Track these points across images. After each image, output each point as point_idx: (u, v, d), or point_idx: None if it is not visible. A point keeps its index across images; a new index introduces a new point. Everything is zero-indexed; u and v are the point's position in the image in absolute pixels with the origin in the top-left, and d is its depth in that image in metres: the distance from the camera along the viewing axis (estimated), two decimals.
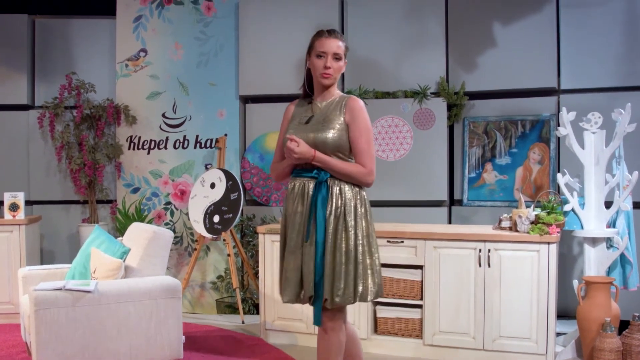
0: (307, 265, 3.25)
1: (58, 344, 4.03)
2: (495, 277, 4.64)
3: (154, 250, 4.50)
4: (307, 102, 3.48)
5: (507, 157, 6.01)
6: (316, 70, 3.37)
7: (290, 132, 3.35)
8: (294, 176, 3.41)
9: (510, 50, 5.96)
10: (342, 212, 3.28)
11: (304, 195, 3.32)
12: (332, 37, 3.38)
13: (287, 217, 3.39)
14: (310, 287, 3.22)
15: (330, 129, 3.29)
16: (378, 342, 5.01)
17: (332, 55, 3.34)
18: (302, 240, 3.29)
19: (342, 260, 3.23)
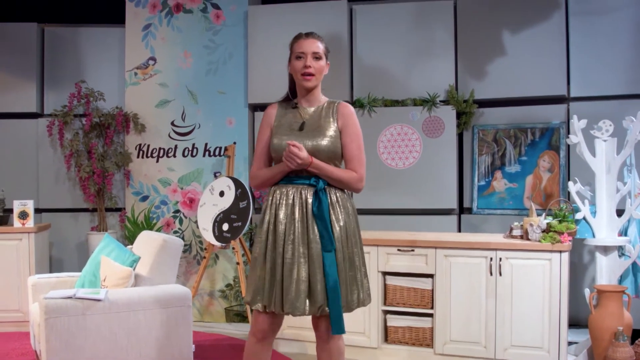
0: (317, 274, 3.18)
1: (68, 353, 4.02)
2: (506, 285, 4.61)
3: (164, 259, 4.49)
4: (292, 107, 3.42)
5: (516, 165, 5.99)
6: (297, 72, 3.34)
7: (284, 139, 3.28)
8: (284, 183, 3.32)
9: (519, 58, 5.95)
10: (343, 219, 3.28)
11: (303, 203, 3.24)
12: (309, 37, 3.38)
13: (277, 226, 3.27)
14: (322, 297, 3.17)
15: (326, 136, 3.28)
16: (389, 351, 4.99)
17: (312, 55, 3.33)
18: (307, 250, 3.21)
19: (348, 267, 3.25)
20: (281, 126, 3.37)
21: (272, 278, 3.23)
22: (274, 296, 3.21)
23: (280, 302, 3.20)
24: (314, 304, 3.18)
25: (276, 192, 3.32)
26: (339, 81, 6.26)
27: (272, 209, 3.29)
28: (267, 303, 3.23)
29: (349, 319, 4.98)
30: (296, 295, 3.16)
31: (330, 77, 6.15)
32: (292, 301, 3.16)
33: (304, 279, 3.18)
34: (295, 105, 3.42)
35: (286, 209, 3.26)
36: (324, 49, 3.40)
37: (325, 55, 3.40)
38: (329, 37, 6.19)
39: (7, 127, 6.86)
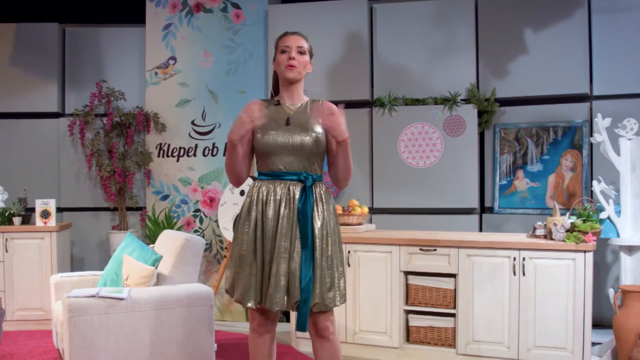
0: (295, 270, 3.20)
1: (91, 351, 4.03)
2: (530, 285, 4.57)
3: (186, 258, 4.49)
4: (274, 104, 3.42)
5: (538, 164, 5.94)
6: (280, 65, 3.36)
7: (271, 134, 3.29)
8: (271, 179, 3.33)
9: (541, 56, 5.90)
10: (325, 217, 3.30)
11: (290, 199, 3.27)
12: (294, 34, 3.42)
13: (265, 222, 3.28)
14: (298, 292, 3.19)
15: (313, 132, 3.30)
16: (411, 351, 4.96)
17: (296, 49, 3.34)
18: (290, 245, 3.22)
19: (326, 265, 3.26)
20: (269, 121, 3.35)
21: (262, 275, 3.26)
22: (264, 292, 3.25)
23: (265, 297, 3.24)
24: (291, 299, 3.20)
25: (262, 188, 3.33)
26: (359, 80, 6.24)
27: (258, 205, 3.30)
28: (259, 300, 3.27)
29: (370, 318, 5.00)
30: (275, 290, 3.19)
31: (350, 75, 6.23)
32: (271, 296, 3.19)
33: (284, 274, 3.20)
34: (278, 102, 3.42)
35: (274, 205, 3.27)
36: (309, 47, 3.42)
37: (309, 54, 3.42)
38: (349, 36, 6.19)
39: (28, 126, 6.90)
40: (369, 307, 5.07)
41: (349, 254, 5.11)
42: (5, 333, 5.26)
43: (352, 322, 5.12)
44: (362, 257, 5.08)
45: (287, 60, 3.32)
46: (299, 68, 3.34)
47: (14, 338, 5.61)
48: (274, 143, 3.28)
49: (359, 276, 5.09)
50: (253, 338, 3.43)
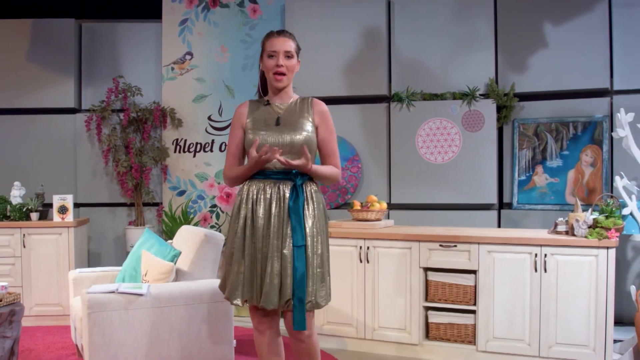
0: (287, 268, 3.23)
1: (110, 347, 4.02)
2: (551, 282, 4.52)
3: (205, 254, 4.47)
4: (263, 104, 3.44)
5: (558, 160, 5.88)
6: (269, 71, 3.36)
7: (261, 134, 3.32)
8: (261, 178, 3.35)
9: (561, 51, 5.84)
10: (316, 215, 3.33)
11: (280, 198, 3.29)
12: (281, 36, 3.39)
13: (255, 221, 3.31)
14: (290, 291, 3.22)
15: (304, 131, 3.33)
16: (430, 347, 4.93)
17: (284, 54, 3.34)
18: (281, 244, 3.25)
19: (317, 263, 3.29)
20: (256, 122, 3.39)
21: (251, 273, 3.29)
22: (254, 291, 3.28)
23: (259, 296, 3.27)
24: (283, 297, 3.22)
25: (252, 187, 3.35)
26: (377, 75, 6.20)
27: (248, 203, 3.33)
28: (247, 297, 3.31)
29: (390, 314, 4.97)
30: (270, 289, 3.22)
31: (368, 70, 6.19)
32: (266, 294, 3.22)
33: (277, 273, 3.23)
34: (267, 102, 3.44)
35: (264, 203, 3.30)
36: (296, 47, 3.41)
37: (296, 53, 3.41)
38: (367, 30, 6.15)
39: (45, 122, 6.91)
40: (388, 304, 5.03)
41: (368, 250, 5.08)
42: (23, 328, 5.25)
43: (371, 318, 5.09)
44: (381, 253, 5.04)
45: (275, 68, 3.33)
46: (287, 74, 3.36)
47: (32, 333, 5.62)
48: (264, 143, 3.30)
49: (378, 272, 5.06)
50: (256, 336, 3.49)
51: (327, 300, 3.35)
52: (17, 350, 4.28)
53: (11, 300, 4.32)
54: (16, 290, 5.82)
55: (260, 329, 3.45)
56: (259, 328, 3.45)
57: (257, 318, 3.43)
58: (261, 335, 3.46)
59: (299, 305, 3.22)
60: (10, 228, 6.02)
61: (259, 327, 3.45)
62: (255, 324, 3.45)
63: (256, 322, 3.44)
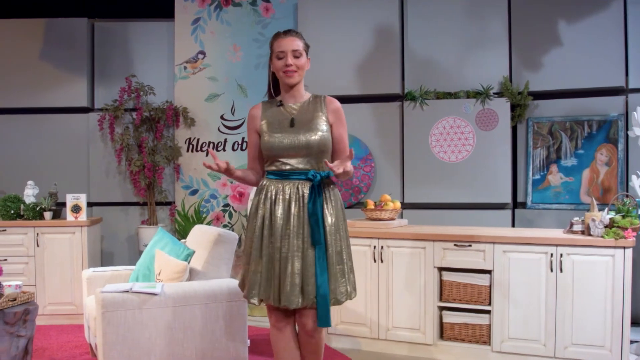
0: (310, 268, 3.25)
1: (124, 347, 4.02)
2: (567, 282, 4.48)
3: (219, 253, 4.46)
4: (276, 105, 3.45)
5: (573, 159, 5.84)
6: (278, 70, 3.37)
7: (277, 136, 3.33)
8: (280, 178, 3.36)
9: (575, 49, 5.80)
10: (334, 213, 3.36)
11: (299, 198, 3.31)
12: (288, 36, 3.38)
13: (274, 221, 3.32)
14: (313, 290, 3.24)
15: (319, 131, 3.34)
16: (444, 347, 4.90)
17: (291, 53, 3.33)
18: (302, 244, 3.27)
19: (336, 261, 3.31)
20: (271, 124, 3.39)
21: (268, 273, 3.31)
22: (272, 290, 3.30)
23: (277, 296, 3.27)
24: (307, 296, 3.24)
25: (270, 187, 3.36)
26: (390, 73, 6.18)
27: (266, 203, 3.34)
28: (263, 297, 3.33)
29: (404, 314, 4.95)
30: (291, 289, 3.23)
31: (381, 69, 6.16)
32: (287, 294, 3.23)
33: (298, 272, 3.24)
34: (280, 103, 3.44)
35: (283, 204, 3.31)
36: (304, 46, 3.40)
37: (305, 52, 3.40)
38: (380, 29, 6.13)
39: (58, 121, 6.93)
40: (402, 303, 5.01)
41: (382, 249, 5.06)
42: (37, 327, 5.26)
43: (385, 318, 5.07)
44: (395, 252, 5.02)
45: (284, 68, 3.33)
46: (297, 72, 3.35)
47: (46, 332, 5.63)
48: (280, 145, 3.32)
49: (392, 272, 5.04)
50: (274, 334, 3.48)
51: (347, 297, 3.36)
52: (31, 349, 4.29)
53: (25, 299, 4.32)
54: (30, 289, 5.84)
55: (279, 327, 3.45)
56: (277, 325, 3.45)
57: (276, 316, 3.43)
58: (279, 332, 3.46)
59: (323, 302, 3.23)
60: (24, 227, 6.03)
61: (277, 325, 3.45)
62: (273, 322, 3.45)
63: (274, 320, 3.44)
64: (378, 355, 5.04)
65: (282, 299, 3.25)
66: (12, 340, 4.13)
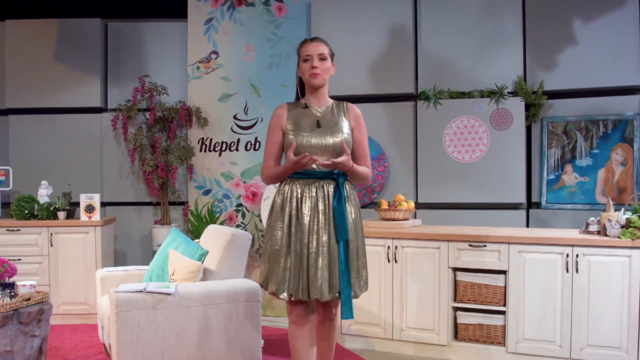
0: (335, 262, 3.43)
1: (138, 347, 4.02)
2: (583, 283, 4.45)
3: (233, 253, 4.46)
4: (302, 107, 3.62)
5: (588, 159, 5.80)
6: (305, 73, 3.57)
7: (304, 136, 3.49)
8: (306, 178, 3.52)
9: (590, 48, 5.75)
10: (354, 212, 3.56)
11: (325, 196, 3.48)
12: (314, 41, 3.61)
13: (301, 218, 3.47)
14: (337, 283, 3.42)
15: (343, 133, 3.53)
16: (458, 348, 4.88)
17: (317, 56, 3.54)
18: (329, 240, 3.43)
19: (355, 256, 3.52)
20: (297, 124, 3.56)
21: (297, 268, 3.45)
22: (300, 285, 3.43)
23: (306, 290, 3.42)
24: (332, 289, 3.43)
25: (295, 186, 3.52)
26: (403, 73, 6.16)
27: (292, 202, 3.50)
28: (292, 292, 3.45)
29: (418, 314, 4.93)
30: (322, 283, 3.40)
31: (394, 68, 6.14)
32: (319, 288, 3.39)
33: (326, 267, 3.42)
34: (305, 105, 3.62)
35: (310, 201, 3.47)
36: (329, 51, 3.62)
37: (330, 57, 3.61)
38: (393, 28, 6.11)
39: (72, 122, 6.94)
40: (416, 304, 4.99)
41: (395, 250, 5.04)
42: (51, 327, 5.27)
43: (399, 318, 5.05)
44: (409, 252, 5.00)
45: (310, 69, 3.53)
46: (322, 74, 3.55)
47: (59, 332, 5.65)
48: (308, 145, 3.48)
49: (406, 272, 5.02)
50: (294, 330, 3.58)
51: (362, 290, 3.57)
52: (45, 349, 4.30)
53: (40, 299, 4.33)
54: (43, 289, 5.86)
55: (299, 323, 3.55)
56: (297, 322, 3.55)
57: (297, 312, 3.54)
58: (299, 329, 3.56)
59: (347, 296, 3.43)
60: (38, 227, 6.06)
61: (298, 322, 3.55)
62: (293, 318, 3.56)
63: (295, 316, 3.55)
64: (391, 355, 5.02)
65: (312, 292, 3.40)
66: (27, 339, 4.14)
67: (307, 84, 3.62)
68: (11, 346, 4.05)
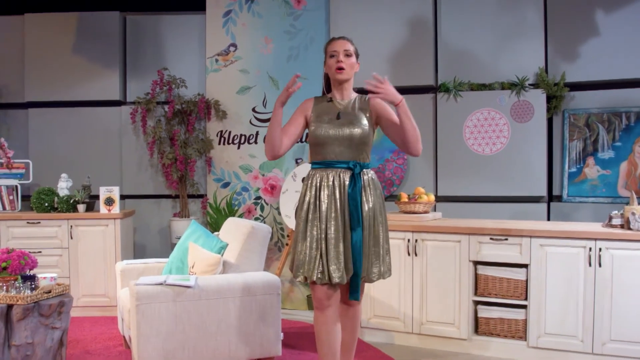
0: (350, 248, 3.54)
1: (158, 339, 4.03)
2: (606, 277, 4.39)
3: (252, 246, 4.45)
4: (327, 101, 3.77)
5: (610, 151, 5.73)
6: (331, 68, 3.70)
7: (324, 127, 3.64)
8: (324, 167, 3.66)
9: (613, 39, 5.68)
10: (373, 200, 3.63)
11: (341, 184, 3.60)
12: (341, 39, 3.75)
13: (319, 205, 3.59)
14: (351, 267, 3.54)
15: (361, 125, 3.65)
16: (479, 342, 4.84)
17: (343, 52, 3.67)
18: (344, 226, 3.55)
19: (371, 243, 3.62)
20: (319, 116, 3.71)
21: (312, 252, 3.57)
22: (316, 268, 3.55)
23: (326, 273, 3.54)
24: (348, 272, 3.56)
25: (315, 175, 3.67)
26: (423, 65, 6.12)
27: (312, 190, 3.64)
28: (307, 275, 3.56)
29: (438, 308, 4.90)
30: (338, 267, 3.53)
31: (414, 60, 6.10)
32: (336, 272, 3.53)
33: (342, 252, 3.55)
34: (330, 99, 3.77)
35: (328, 190, 3.61)
36: (354, 49, 3.75)
37: (355, 55, 3.75)
38: (413, 20, 6.06)
39: (91, 115, 6.96)
40: (436, 298, 4.96)
41: (416, 243, 5.01)
42: (71, 319, 5.29)
43: (419, 312, 5.02)
44: (430, 246, 4.97)
45: (336, 64, 3.66)
46: (347, 70, 3.68)
47: (80, 324, 5.67)
48: (326, 135, 3.63)
49: (426, 266, 4.99)
50: (316, 316, 3.67)
51: (380, 276, 3.66)
52: (65, 341, 4.31)
53: (60, 291, 4.34)
54: (63, 281, 5.88)
55: (321, 307, 3.63)
56: (319, 307, 3.63)
57: (318, 297, 3.62)
58: (321, 313, 3.64)
59: (355, 279, 3.56)
60: (58, 220, 6.08)
61: (319, 306, 3.63)
62: (316, 303, 3.65)
63: (317, 301, 3.64)
64: (411, 349, 5.00)
65: (334, 275, 3.51)
66: (47, 332, 4.15)
67: (332, 79, 3.75)
68: (32, 338, 4.07)
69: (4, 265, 4.27)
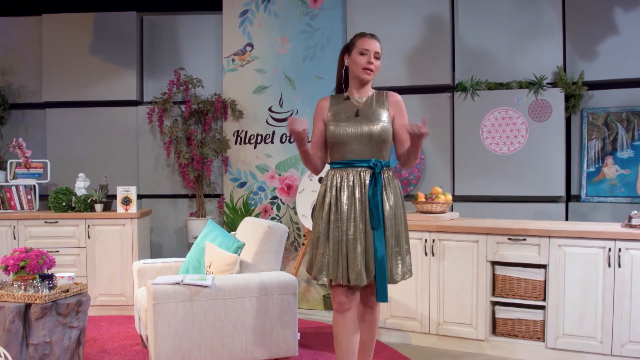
0: (371, 249, 3.49)
1: (175, 339, 4.04)
2: (626, 278, 4.35)
3: (269, 246, 4.45)
4: (344, 99, 3.71)
5: (629, 151, 5.67)
6: (358, 65, 3.64)
7: (342, 125, 3.58)
8: (344, 166, 3.60)
9: (632, 37, 5.63)
10: (394, 199, 3.59)
11: (362, 184, 3.54)
12: (374, 38, 3.70)
13: (339, 206, 3.54)
14: (373, 268, 3.49)
15: (380, 122, 3.58)
16: (497, 343, 4.81)
17: (374, 54, 3.64)
18: (365, 227, 3.50)
19: (394, 243, 3.56)
20: (337, 114, 3.65)
21: (335, 254, 3.52)
22: (339, 270, 3.50)
23: (346, 275, 3.49)
24: (369, 274, 3.49)
25: (335, 175, 3.61)
26: (440, 64, 6.09)
27: (332, 190, 3.59)
28: (332, 277, 3.53)
29: (455, 309, 4.87)
30: (360, 268, 3.48)
31: (431, 59, 6.08)
32: (357, 272, 3.47)
33: (362, 253, 3.49)
34: (347, 97, 3.71)
35: (348, 190, 3.55)
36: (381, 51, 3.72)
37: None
38: (430, 18, 6.04)
39: (108, 114, 6.99)
40: (453, 298, 4.93)
41: (433, 243, 4.99)
42: (88, 318, 5.32)
43: (436, 313, 5.00)
44: (447, 246, 4.94)
45: (366, 64, 3.62)
46: (374, 72, 3.66)
47: (97, 323, 5.69)
48: (345, 133, 3.57)
49: (444, 266, 4.96)
50: (336, 317, 3.63)
51: (403, 277, 3.61)
52: (83, 340, 4.32)
53: (78, 290, 4.36)
54: (81, 280, 5.91)
55: (341, 310, 3.60)
56: (339, 309, 3.60)
57: (339, 299, 3.58)
58: (341, 316, 3.60)
59: (382, 280, 3.47)
60: (75, 219, 6.11)
61: (339, 308, 3.60)
62: (336, 305, 3.61)
63: (337, 303, 3.60)
64: (428, 349, 4.97)
65: (351, 277, 3.47)
66: (65, 330, 4.17)
67: (353, 75, 3.69)
68: (50, 337, 4.09)
69: (22, 265, 4.29)
